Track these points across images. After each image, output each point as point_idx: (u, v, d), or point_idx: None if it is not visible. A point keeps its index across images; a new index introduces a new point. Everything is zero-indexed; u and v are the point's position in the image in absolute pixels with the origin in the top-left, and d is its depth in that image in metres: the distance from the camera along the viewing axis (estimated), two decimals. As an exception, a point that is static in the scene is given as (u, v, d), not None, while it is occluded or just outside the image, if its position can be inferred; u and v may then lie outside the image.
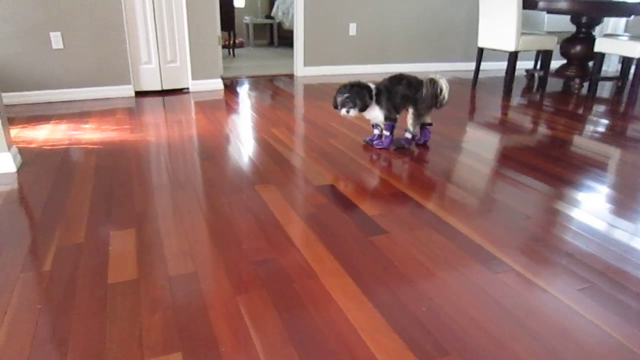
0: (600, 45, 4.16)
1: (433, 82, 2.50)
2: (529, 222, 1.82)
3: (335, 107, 2.56)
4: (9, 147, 2.24)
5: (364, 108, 2.49)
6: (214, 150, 2.59)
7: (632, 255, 1.60)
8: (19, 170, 2.24)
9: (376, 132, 2.72)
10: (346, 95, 2.46)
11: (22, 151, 2.50)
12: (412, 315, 1.26)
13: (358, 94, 2.45)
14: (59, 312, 1.25)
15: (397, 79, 2.54)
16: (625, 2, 3.96)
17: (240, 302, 1.31)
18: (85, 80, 3.73)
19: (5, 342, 1.14)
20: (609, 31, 5.91)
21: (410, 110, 2.59)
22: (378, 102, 2.52)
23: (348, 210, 1.89)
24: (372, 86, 2.51)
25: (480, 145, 2.78)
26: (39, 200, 1.93)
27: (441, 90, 2.51)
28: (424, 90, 2.51)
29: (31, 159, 2.39)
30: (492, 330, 1.22)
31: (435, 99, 2.53)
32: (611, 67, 6.05)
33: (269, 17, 7.91)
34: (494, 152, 2.68)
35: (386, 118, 2.56)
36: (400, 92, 2.52)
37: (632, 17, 5.19)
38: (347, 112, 2.48)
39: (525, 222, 1.82)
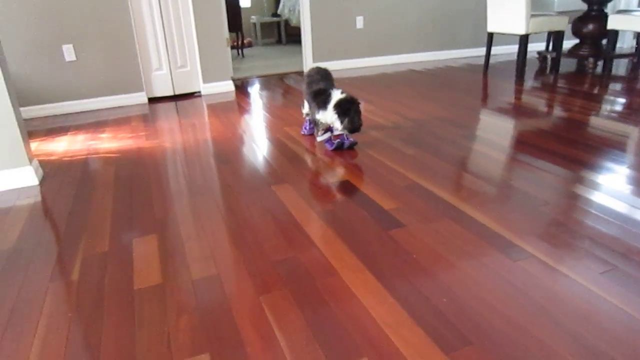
0: (613, 22, 4.08)
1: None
2: (547, 207, 1.81)
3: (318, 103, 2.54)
4: (30, 161, 2.30)
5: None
6: (229, 152, 2.62)
7: (654, 235, 1.58)
8: (41, 183, 2.30)
9: (327, 134, 2.66)
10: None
11: (42, 164, 2.57)
12: (434, 307, 1.27)
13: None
14: (89, 319, 1.29)
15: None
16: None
17: (264, 301, 1.33)
18: (98, 90, 3.80)
19: (42, 350, 1.19)
20: (621, 7, 5.78)
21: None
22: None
23: (365, 205, 1.90)
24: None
25: (494, 132, 2.76)
26: (63, 211, 1.98)
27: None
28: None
29: (52, 171, 2.45)
30: (514, 318, 1.22)
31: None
32: (626, 44, 5.93)
33: (275, 15, 7.91)
34: (509, 138, 2.66)
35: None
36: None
37: (645, -9, 5.07)
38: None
39: (544, 208, 1.80)
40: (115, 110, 3.74)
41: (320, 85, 2.54)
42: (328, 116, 2.49)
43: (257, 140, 2.80)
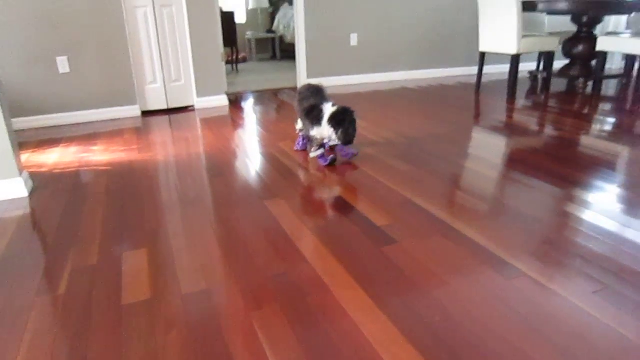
0: (602, 44, 4.15)
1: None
2: (539, 225, 1.81)
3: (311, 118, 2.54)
4: (20, 172, 2.27)
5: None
6: (221, 166, 2.61)
7: (646, 255, 1.58)
8: (31, 195, 2.27)
9: (321, 150, 2.64)
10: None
11: (33, 175, 2.54)
12: (426, 325, 1.26)
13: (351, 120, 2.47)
14: (75, 334, 1.27)
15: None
16: (625, 0, 3.96)
17: (254, 318, 1.31)
18: (92, 102, 3.79)
19: (24, 368, 1.16)
20: (610, 29, 5.90)
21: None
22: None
23: (357, 221, 1.90)
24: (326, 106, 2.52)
25: (487, 150, 2.78)
26: (52, 223, 1.96)
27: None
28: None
29: (42, 183, 2.42)
30: (507, 337, 1.21)
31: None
32: (615, 65, 6.03)
33: (270, 31, 7.98)
34: (502, 155, 2.68)
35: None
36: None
37: (633, 14, 5.19)
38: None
39: (536, 226, 1.81)
40: (108, 123, 3.73)
41: (311, 102, 2.55)
42: (324, 131, 2.49)
43: (250, 155, 2.80)
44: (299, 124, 2.79)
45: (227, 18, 6.08)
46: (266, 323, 1.29)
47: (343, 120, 2.43)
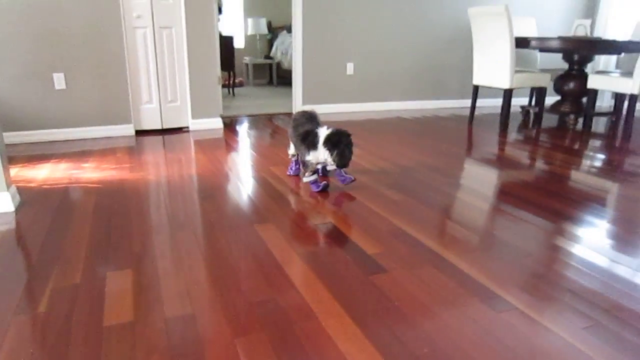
0: (592, 82, 4.24)
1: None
2: (530, 259, 1.81)
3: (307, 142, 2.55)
4: (8, 187, 2.24)
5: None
6: (213, 189, 2.59)
7: (636, 292, 1.58)
8: (17, 210, 2.24)
9: (314, 176, 2.61)
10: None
11: (21, 190, 2.51)
12: (414, 357, 1.23)
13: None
14: (52, 357, 1.22)
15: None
16: (615, 40, 4.07)
17: (239, 345, 1.28)
18: (86, 119, 3.78)
19: (-4, 390, 1.11)
20: (600, 68, 6.05)
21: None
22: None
23: (347, 248, 1.88)
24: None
25: (478, 181, 2.79)
26: (36, 240, 1.92)
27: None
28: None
29: (30, 199, 2.39)
30: (496, 372, 1.18)
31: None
32: (605, 103, 6.15)
33: (268, 57, 8.09)
34: (493, 188, 2.69)
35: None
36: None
37: (623, 54, 5.32)
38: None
39: (526, 259, 1.80)
40: (101, 141, 3.71)
41: (307, 127, 2.56)
42: (320, 155, 2.49)
43: (242, 178, 2.79)
44: (291, 149, 2.80)
45: (226, 42, 6.15)
46: (251, 350, 1.26)
47: (339, 142, 2.43)
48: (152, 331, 1.33)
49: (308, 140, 2.51)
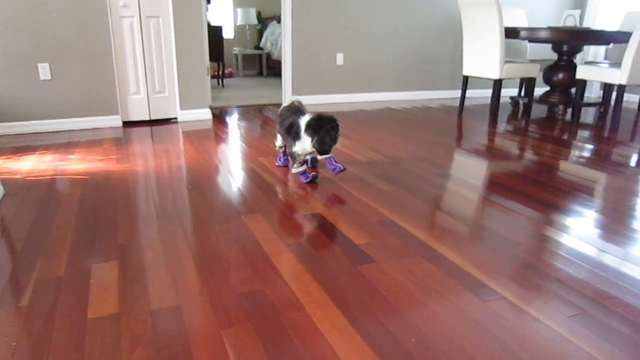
0: (581, 73, 4.26)
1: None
2: (518, 248, 1.81)
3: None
4: (-9, 179, 2.20)
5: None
6: (201, 180, 2.56)
7: (622, 280, 1.59)
8: (1, 202, 2.20)
9: (303, 167, 2.59)
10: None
11: (5, 182, 2.46)
12: (402, 347, 1.23)
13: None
14: (36, 349, 1.20)
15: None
16: (604, 31, 4.08)
17: (225, 336, 1.27)
18: (72, 110, 3.72)
19: (-23, 384, 1.09)
20: (589, 58, 6.07)
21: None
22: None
23: (336, 239, 1.87)
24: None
25: (468, 172, 2.79)
26: (20, 232, 1.89)
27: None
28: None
29: (14, 190, 2.35)
30: (483, 359, 1.19)
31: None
32: (593, 93, 6.19)
33: (258, 47, 8.02)
34: (482, 178, 2.69)
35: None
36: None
37: (611, 44, 5.34)
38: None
39: (514, 249, 1.81)
40: (88, 132, 3.66)
41: (290, 120, 2.52)
42: (305, 144, 2.46)
43: (230, 169, 2.76)
44: (278, 141, 2.77)
45: (215, 32, 6.08)
46: (237, 341, 1.25)
47: (319, 127, 2.39)
48: (137, 323, 1.31)
49: (292, 132, 2.49)
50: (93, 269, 1.61)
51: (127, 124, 3.94)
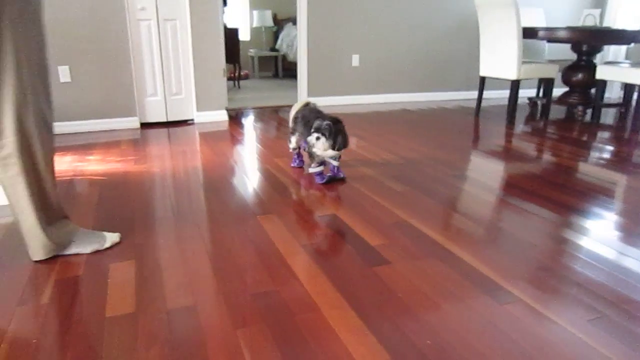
0: (601, 73, 4.18)
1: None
2: (536, 250, 1.79)
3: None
4: (13, 180, 2.24)
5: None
6: (217, 181, 2.58)
7: (643, 284, 1.55)
8: (22, 203, 2.24)
9: (320, 167, 2.58)
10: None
11: (26, 183, 2.51)
12: (417, 349, 1.22)
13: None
14: (55, 346, 1.23)
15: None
16: (625, 30, 4.00)
17: (240, 336, 1.27)
18: (91, 112, 3.78)
19: (-2, 380, 1.11)
20: (609, 58, 5.96)
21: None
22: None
23: (350, 240, 1.87)
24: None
25: (484, 174, 2.76)
26: (41, 232, 1.92)
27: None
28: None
29: (35, 191, 2.39)
30: (500, 364, 1.17)
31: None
32: (613, 94, 6.07)
33: (273, 49, 8.05)
34: (499, 180, 2.66)
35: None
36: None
37: (632, 44, 5.24)
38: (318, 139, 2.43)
39: (532, 251, 1.78)
40: (106, 134, 3.72)
41: (317, 121, 2.47)
42: (326, 144, 2.43)
43: (246, 170, 2.78)
44: (293, 143, 2.77)
45: (231, 34, 6.13)
46: (252, 342, 1.25)
47: (339, 130, 2.41)
48: (153, 322, 1.33)
49: (320, 132, 2.45)
50: (111, 268, 1.63)
51: (145, 126, 3.99)
